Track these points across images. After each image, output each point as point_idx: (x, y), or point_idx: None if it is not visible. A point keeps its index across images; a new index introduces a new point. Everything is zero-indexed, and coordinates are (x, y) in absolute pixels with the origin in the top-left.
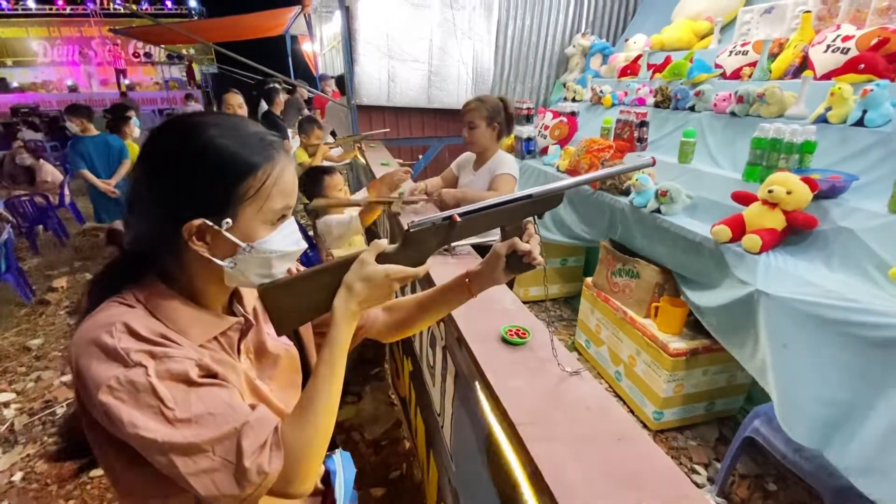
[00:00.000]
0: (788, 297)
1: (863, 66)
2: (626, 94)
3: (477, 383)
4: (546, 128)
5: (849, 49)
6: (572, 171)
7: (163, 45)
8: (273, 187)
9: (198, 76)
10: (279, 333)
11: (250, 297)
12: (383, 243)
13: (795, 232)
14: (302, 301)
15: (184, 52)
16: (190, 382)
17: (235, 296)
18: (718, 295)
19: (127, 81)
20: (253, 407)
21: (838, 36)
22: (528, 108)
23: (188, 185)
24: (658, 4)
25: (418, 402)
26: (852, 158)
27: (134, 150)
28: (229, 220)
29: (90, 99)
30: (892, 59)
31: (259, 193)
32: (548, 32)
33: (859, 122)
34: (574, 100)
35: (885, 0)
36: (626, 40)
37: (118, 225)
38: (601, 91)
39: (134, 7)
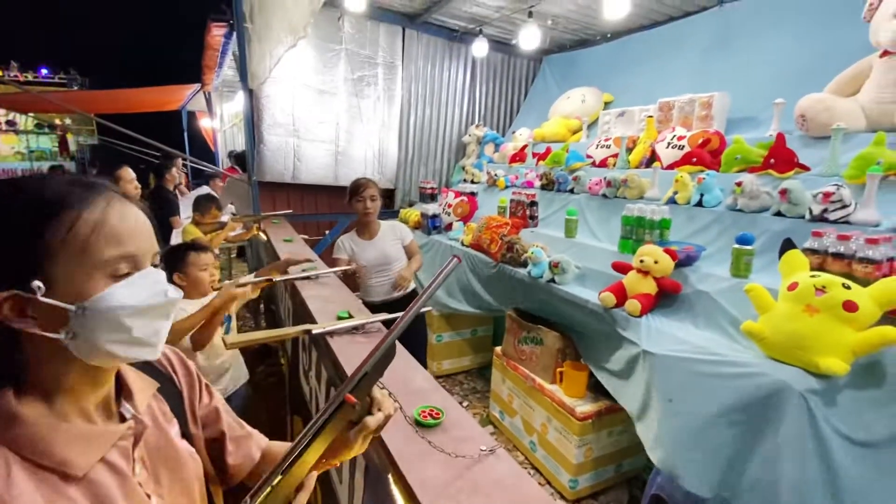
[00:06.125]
0: (668, 355)
1: (695, 159)
2: (516, 177)
3: (389, 476)
4: (449, 206)
5: (683, 146)
6: (475, 245)
7: (31, 114)
8: (92, 234)
9: (73, 147)
10: None
11: (143, 394)
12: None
13: (666, 296)
14: None
15: (57, 121)
16: None
17: (123, 393)
18: (613, 356)
19: None
20: None
21: (675, 136)
22: (433, 188)
23: None
24: (537, 105)
25: None
26: (699, 233)
27: None
28: (39, 283)
29: None
30: (715, 155)
31: (71, 243)
32: (446, 122)
33: (699, 204)
34: (473, 181)
35: (704, 110)
36: (514, 132)
37: None
38: (495, 174)
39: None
